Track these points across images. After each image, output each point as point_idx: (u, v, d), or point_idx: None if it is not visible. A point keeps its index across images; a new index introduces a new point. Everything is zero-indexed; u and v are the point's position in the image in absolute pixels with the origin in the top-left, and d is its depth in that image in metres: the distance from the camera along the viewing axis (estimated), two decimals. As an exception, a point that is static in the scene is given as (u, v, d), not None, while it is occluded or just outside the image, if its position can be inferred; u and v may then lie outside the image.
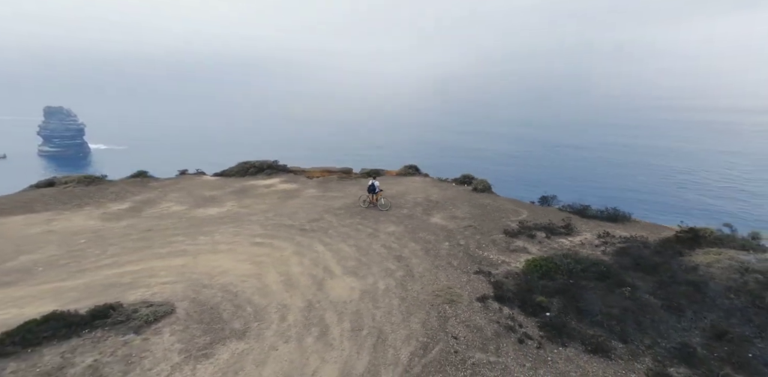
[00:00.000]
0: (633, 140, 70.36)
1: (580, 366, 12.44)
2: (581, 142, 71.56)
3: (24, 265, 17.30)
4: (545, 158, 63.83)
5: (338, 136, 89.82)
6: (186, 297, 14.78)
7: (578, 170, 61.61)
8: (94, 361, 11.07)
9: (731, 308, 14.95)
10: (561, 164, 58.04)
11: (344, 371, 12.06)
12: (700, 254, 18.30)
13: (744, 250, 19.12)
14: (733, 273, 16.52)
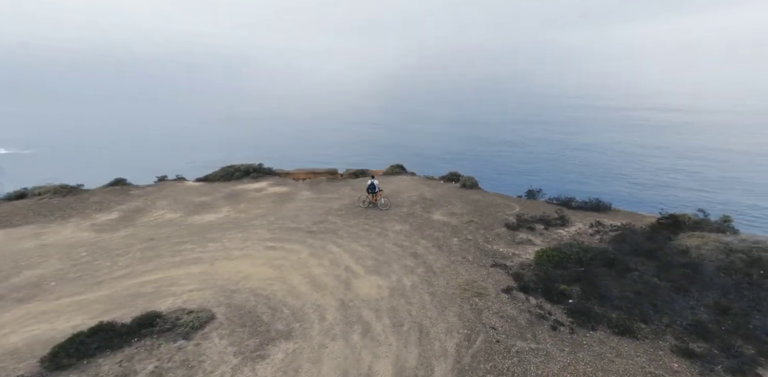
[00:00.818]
0: (566, 137, 73.41)
1: (613, 348, 13.13)
2: (518, 138, 73.97)
3: (31, 280, 16.19)
4: (486, 154, 65.31)
5: (286, 136, 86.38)
6: (220, 303, 14.40)
7: (521, 165, 63.46)
8: (155, 368, 11.04)
9: (725, 285, 16.14)
10: (503, 160, 59.93)
11: (397, 364, 12.16)
12: (686, 238, 19.60)
13: (720, 232, 20.67)
14: (719, 254, 17.84)
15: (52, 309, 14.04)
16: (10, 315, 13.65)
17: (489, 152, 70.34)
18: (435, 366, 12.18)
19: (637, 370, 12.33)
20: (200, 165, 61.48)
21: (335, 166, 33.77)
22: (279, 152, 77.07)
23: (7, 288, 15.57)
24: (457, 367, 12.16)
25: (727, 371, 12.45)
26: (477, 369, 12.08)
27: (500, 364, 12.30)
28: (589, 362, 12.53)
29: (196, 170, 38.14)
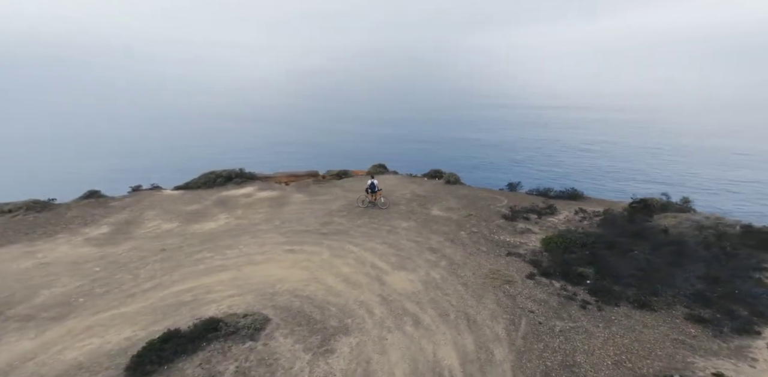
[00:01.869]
0: (479, 134, 75.67)
1: (639, 320, 14.35)
2: (435, 137, 74.68)
3: (56, 299, 15.00)
4: (409, 152, 65.48)
5: (198, 136, 77.74)
6: (266, 306, 14.15)
7: (445, 163, 64.36)
8: (236, 368, 11.10)
9: (707, 258, 18.01)
10: (426, 158, 60.61)
11: (459, 350, 12.61)
12: (661, 218, 21.55)
13: (684, 212, 22.89)
14: (693, 231, 19.83)
15: (95, 323, 13.29)
16: (53, 333, 12.85)
17: (414, 150, 70.65)
18: (494, 350, 12.72)
19: (663, 338, 13.58)
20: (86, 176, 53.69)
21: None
22: (186, 154, 68.87)
23: (33, 308, 14.31)
24: (513, 349, 12.77)
25: (733, 331, 14.01)
26: (532, 350, 12.77)
27: (551, 343, 13.07)
28: (623, 334, 13.62)
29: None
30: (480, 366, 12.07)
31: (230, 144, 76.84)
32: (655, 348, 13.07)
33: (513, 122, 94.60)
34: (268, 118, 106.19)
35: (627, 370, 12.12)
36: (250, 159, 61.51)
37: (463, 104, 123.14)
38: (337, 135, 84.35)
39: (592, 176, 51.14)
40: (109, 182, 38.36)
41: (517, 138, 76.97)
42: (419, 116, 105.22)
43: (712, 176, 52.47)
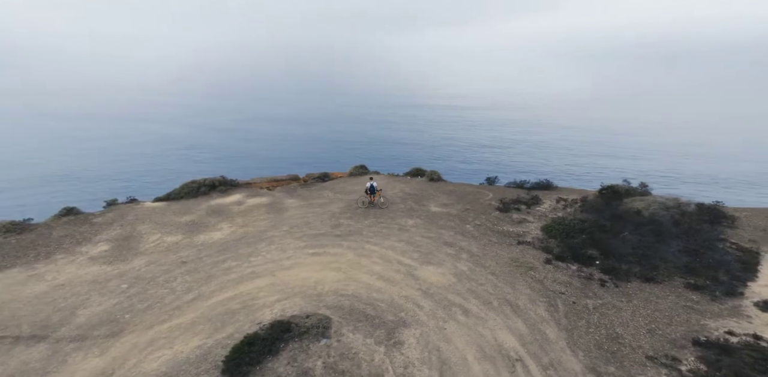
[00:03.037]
0: (400, 133, 76.06)
1: (651, 293, 15.91)
2: (361, 137, 72.90)
3: (98, 318, 14.04)
4: (333, 152, 62.38)
5: (100, 138, 65.71)
6: (318, 306, 14.10)
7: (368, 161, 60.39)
8: (323, 363, 11.39)
9: (680, 234, 20.19)
10: (354, 159, 58.46)
11: (514, 333, 13.37)
12: (631, 202, 23.67)
13: (644, 195, 25.27)
14: (662, 211, 22.03)
15: (156, 336, 12.83)
16: (118, 349, 12.40)
17: (342, 149, 67.62)
18: (545, 330, 13.56)
19: (675, 306, 15.19)
20: None
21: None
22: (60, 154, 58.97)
23: (80, 328, 13.50)
24: (561, 328, 13.69)
25: (724, 295, 15.96)
26: (578, 327, 13.77)
27: (591, 320, 14.16)
28: (644, 306, 15.06)
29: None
30: (540, 346, 12.83)
31: (109, 149, 64.67)
32: (673, 315, 14.60)
33: (432, 120, 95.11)
34: (166, 118, 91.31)
35: (660, 337, 13.46)
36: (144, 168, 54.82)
37: (386, 103, 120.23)
38: (253, 136, 76.37)
39: (500, 170, 53.58)
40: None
41: (435, 136, 77.75)
42: (341, 115, 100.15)
43: (587, 164, 57.98)
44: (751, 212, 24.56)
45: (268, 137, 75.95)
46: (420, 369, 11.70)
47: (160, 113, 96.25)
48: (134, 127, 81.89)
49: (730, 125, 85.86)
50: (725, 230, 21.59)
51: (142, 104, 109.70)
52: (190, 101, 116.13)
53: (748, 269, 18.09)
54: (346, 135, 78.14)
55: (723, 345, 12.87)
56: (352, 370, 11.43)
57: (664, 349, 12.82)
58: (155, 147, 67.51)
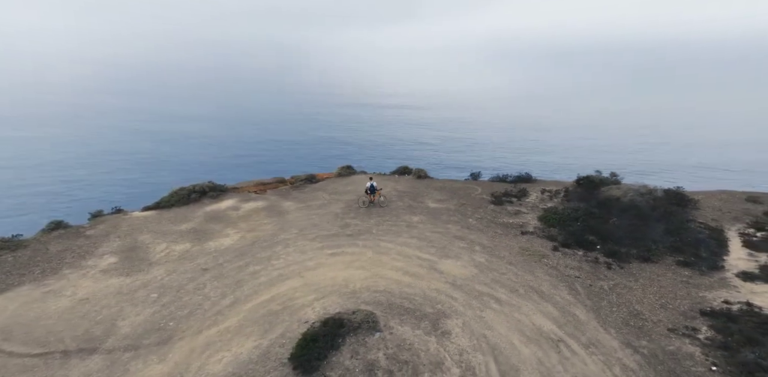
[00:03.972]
0: (331, 133, 73.19)
1: (651, 271, 17.20)
2: (301, 138, 69.14)
3: (142, 327, 13.56)
4: (265, 154, 56.77)
5: None
6: (357, 303, 14.20)
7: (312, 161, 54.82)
8: (384, 355, 11.53)
9: (658, 216, 21.85)
10: (298, 160, 54.09)
11: (548, 316, 14.10)
12: (608, 190, 25.26)
13: (616, 184, 27.04)
14: (638, 197, 23.73)
15: (209, 341, 12.58)
16: (177, 355, 12.13)
17: (282, 150, 62.72)
18: (574, 311, 14.34)
19: (674, 282, 16.54)
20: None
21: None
22: None
23: (127, 338, 13.02)
24: (588, 309, 14.55)
25: (709, 269, 17.56)
26: (601, 307, 14.68)
27: (611, 300, 15.13)
28: (650, 284, 16.29)
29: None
30: (574, 326, 13.56)
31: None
32: (675, 290, 15.90)
33: (373, 119, 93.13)
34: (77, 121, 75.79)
35: (672, 310, 14.63)
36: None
37: (322, 102, 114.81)
38: (165, 138, 66.32)
39: (440, 166, 54.69)
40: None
41: (378, 136, 76.20)
42: (275, 114, 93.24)
43: (515, 158, 61.25)
44: (705, 195, 26.99)
45: (186, 139, 67.43)
46: (474, 356, 12.03)
47: (53, 114, 79.84)
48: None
49: (618, 120, 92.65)
50: (692, 211, 23.60)
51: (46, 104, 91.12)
52: (91, 101, 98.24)
53: (720, 245, 19.97)
54: (284, 135, 73.26)
55: (726, 314, 14.21)
56: (414, 359, 11.61)
57: (680, 321, 13.97)
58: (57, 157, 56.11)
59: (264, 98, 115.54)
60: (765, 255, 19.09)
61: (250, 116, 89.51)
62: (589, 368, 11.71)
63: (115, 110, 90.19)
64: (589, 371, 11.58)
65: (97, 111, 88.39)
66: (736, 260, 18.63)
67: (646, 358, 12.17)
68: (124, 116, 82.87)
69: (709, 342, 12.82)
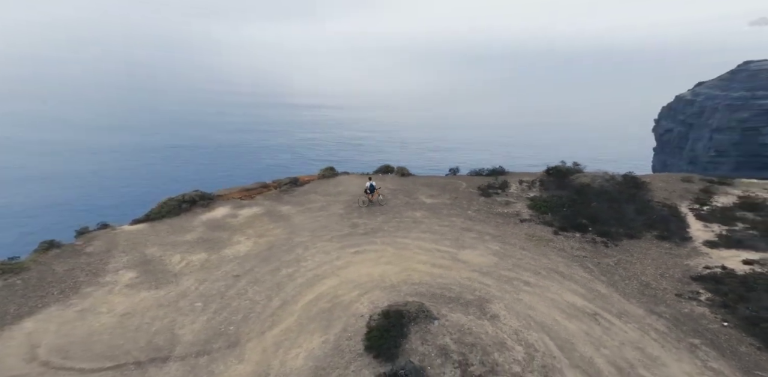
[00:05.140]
0: (241, 136, 69.35)
1: (640, 246, 19.06)
2: (207, 143, 64.54)
3: (204, 334, 13.15)
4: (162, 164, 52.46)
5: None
6: (402, 295, 14.36)
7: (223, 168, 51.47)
8: (452, 339, 11.95)
9: (626, 199, 24.09)
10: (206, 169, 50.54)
11: (575, 293, 15.28)
12: (577, 178, 27.30)
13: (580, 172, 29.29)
14: (605, 183, 25.97)
15: (276, 340, 12.56)
16: (252, 355, 12.12)
17: (177, 162, 59.42)
18: (595, 287, 15.61)
19: (660, 254, 18.50)
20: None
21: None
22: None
23: (194, 345, 12.66)
24: (606, 284, 15.89)
25: (681, 241, 19.77)
26: (617, 282, 16.12)
27: (620, 273, 16.63)
28: (644, 258, 18.08)
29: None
30: (602, 300, 14.77)
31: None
32: (666, 262, 17.80)
33: (286, 121, 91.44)
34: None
35: (670, 278, 16.42)
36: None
37: (220, 101, 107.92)
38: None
39: (367, 166, 55.55)
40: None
41: (297, 138, 75.09)
42: (166, 117, 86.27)
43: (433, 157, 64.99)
44: (650, 178, 30.08)
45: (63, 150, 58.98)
46: (529, 334, 12.70)
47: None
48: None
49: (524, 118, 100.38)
50: (647, 193, 26.26)
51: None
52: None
53: (680, 219, 22.49)
54: (182, 140, 67.76)
55: (713, 277, 16.21)
56: (478, 342, 12.04)
57: (680, 287, 15.73)
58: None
59: (149, 98, 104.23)
60: (716, 225, 21.84)
61: (135, 121, 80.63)
62: (630, 335, 12.89)
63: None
64: (631, 337, 12.74)
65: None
66: (697, 231, 21.13)
67: (670, 321, 13.62)
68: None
69: (711, 303, 14.61)
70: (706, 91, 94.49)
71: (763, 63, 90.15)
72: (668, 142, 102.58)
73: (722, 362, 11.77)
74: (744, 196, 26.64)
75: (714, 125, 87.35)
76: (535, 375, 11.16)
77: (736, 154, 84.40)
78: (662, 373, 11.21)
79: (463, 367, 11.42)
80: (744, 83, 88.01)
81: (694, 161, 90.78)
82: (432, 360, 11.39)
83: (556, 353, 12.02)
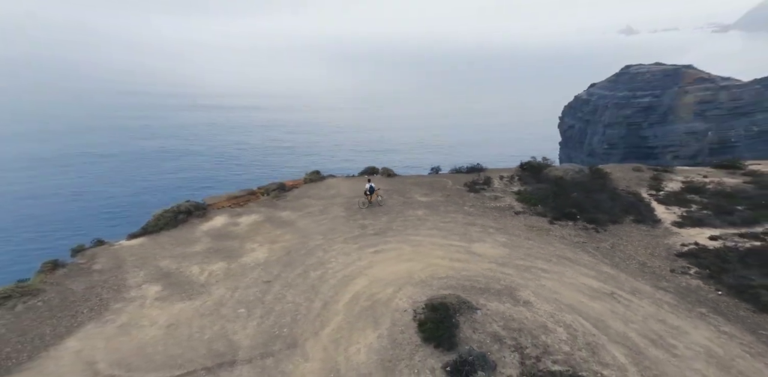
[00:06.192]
0: (156, 142, 63.91)
1: (624, 230, 20.67)
2: (113, 150, 58.06)
3: (261, 337, 12.88)
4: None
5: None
6: (435, 289, 14.66)
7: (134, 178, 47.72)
8: (498, 325, 12.62)
9: (598, 189, 25.94)
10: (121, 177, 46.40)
11: (588, 276, 16.37)
12: (550, 171, 28.96)
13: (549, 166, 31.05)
14: (576, 175, 27.81)
15: (332, 338, 12.69)
16: (315, 354, 12.15)
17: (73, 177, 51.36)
18: (603, 269, 16.76)
19: (641, 235, 20.20)
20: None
21: None
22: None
23: (255, 349, 12.41)
24: (611, 266, 17.07)
25: (654, 224, 21.67)
26: (618, 263, 17.39)
27: (619, 255, 17.97)
28: (630, 240, 19.65)
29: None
30: (613, 280, 15.92)
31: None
32: (650, 242, 19.48)
33: (204, 123, 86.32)
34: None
35: (659, 256, 18.02)
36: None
37: (121, 104, 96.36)
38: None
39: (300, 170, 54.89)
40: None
41: (223, 142, 71.61)
42: (54, 120, 74.70)
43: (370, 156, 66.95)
44: (610, 169, 32.55)
45: None
46: (563, 316, 13.45)
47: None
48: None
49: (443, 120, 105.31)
50: (611, 182, 28.46)
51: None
52: None
53: (645, 204, 24.62)
54: (82, 148, 61.40)
55: (693, 253, 18.00)
56: (523, 327, 12.68)
57: (670, 264, 17.30)
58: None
59: (29, 98, 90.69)
60: (676, 208, 24.17)
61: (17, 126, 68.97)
62: (648, 309, 14.03)
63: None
64: (650, 311, 13.88)
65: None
66: (663, 214, 23.26)
67: (675, 295, 15.00)
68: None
69: (700, 275, 16.25)
70: (598, 92, 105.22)
71: (639, 67, 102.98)
72: (571, 137, 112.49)
73: (730, 326, 13.21)
74: (687, 181, 29.61)
75: (606, 121, 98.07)
76: (583, 352, 11.85)
77: (624, 146, 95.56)
78: (688, 340, 12.37)
79: (519, 351, 11.90)
80: (626, 84, 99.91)
81: (592, 153, 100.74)
82: (489, 346, 11.97)
83: (594, 331, 12.82)
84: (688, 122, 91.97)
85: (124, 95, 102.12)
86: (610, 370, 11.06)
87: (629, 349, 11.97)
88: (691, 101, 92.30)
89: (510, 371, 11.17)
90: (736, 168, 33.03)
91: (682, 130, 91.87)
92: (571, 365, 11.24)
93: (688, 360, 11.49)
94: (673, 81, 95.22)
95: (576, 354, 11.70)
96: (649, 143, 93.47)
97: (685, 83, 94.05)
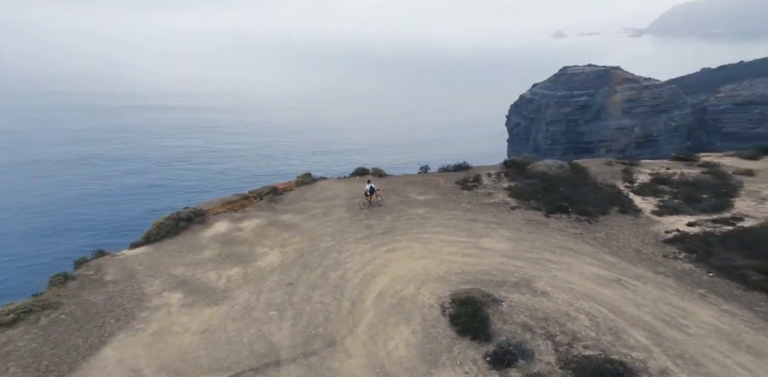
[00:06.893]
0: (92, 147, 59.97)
1: (612, 220, 21.72)
2: (55, 156, 54.06)
3: (305, 335, 12.94)
4: None
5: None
6: (456, 285, 14.90)
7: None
8: (525, 316, 13.08)
9: (581, 183, 27.13)
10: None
11: (593, 264, 17.13)
12: (533, 167, 29.92)
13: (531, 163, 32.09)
14: (558, 170, 28.93)
15: (368, 335, 12.77)
16: (356, 351, 12.23)
17: None
18: (605, 258, 17.58)
19: (629, 224, 21.33)
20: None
21: None
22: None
23: (296, 349, 12.38)
24: (610, 254, 17.93)
25: (635, 214, 22.91)
26: (617, 251, 18.31)
27: (615, 244, 18.92)
28: (621, 229, 20.70)
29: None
30: (617, 268, 16.74)
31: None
32: (638, 231, 20.60)
33: (140, 126, 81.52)
34: None
35: (649, 244, 19.11)
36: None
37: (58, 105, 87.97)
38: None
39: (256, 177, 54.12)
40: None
41: (160, 146, 68.43)
42: None
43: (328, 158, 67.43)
44: (586, 164, 34.06)
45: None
46: (581, 304, 14.00)
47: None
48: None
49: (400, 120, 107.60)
50: (590, 176, 29.82)
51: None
52: None
53: (624, 196, 25.99)
54: None
55: (678, 239, 19.22)
56: (549, 316, 13.13)
57: (661, 250, 18.39)
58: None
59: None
60: (651, 198, 25.67)
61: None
62: (654, 293, 14.88)
63: None
64: (657, 295, 14.72)
65: None
66: (641, 204, 24.65)
67: (674, 278, 15.98)
68: None
69: (690, 259, 17.39)
70: (541, 91, 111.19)
71: (575, 68, 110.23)
72: (517, 134, 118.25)
73: (729, 304, 14.25)
74: (654, 173, 31.49)
75: (548, 118, 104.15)
76: (608, 336, 12.41)
77: (564, 141, 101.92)
78: (697, 320, 13.24)
79: (550, 338, 12.30)
80: (565, 84, 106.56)
81: (537, 149, 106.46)
82: (521, 335, 12.31)
83: (612, 316, 13.44)
84: (618, 119, 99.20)
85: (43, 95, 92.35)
86: (637, 352, 11.64)
87: (648, 331, 12.65)
88: (619, 99, 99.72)
89: (547, 358, 11.53)
90: (692, 160, 35.42)
91: (613, 126, 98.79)
92: (601, 349, 11.74)
93: (702, 337, 12.31)
94: (604, 81, 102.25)
95: (602, 339, 12.22)
96: (586, 139, 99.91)
97: (614, 83, 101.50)
